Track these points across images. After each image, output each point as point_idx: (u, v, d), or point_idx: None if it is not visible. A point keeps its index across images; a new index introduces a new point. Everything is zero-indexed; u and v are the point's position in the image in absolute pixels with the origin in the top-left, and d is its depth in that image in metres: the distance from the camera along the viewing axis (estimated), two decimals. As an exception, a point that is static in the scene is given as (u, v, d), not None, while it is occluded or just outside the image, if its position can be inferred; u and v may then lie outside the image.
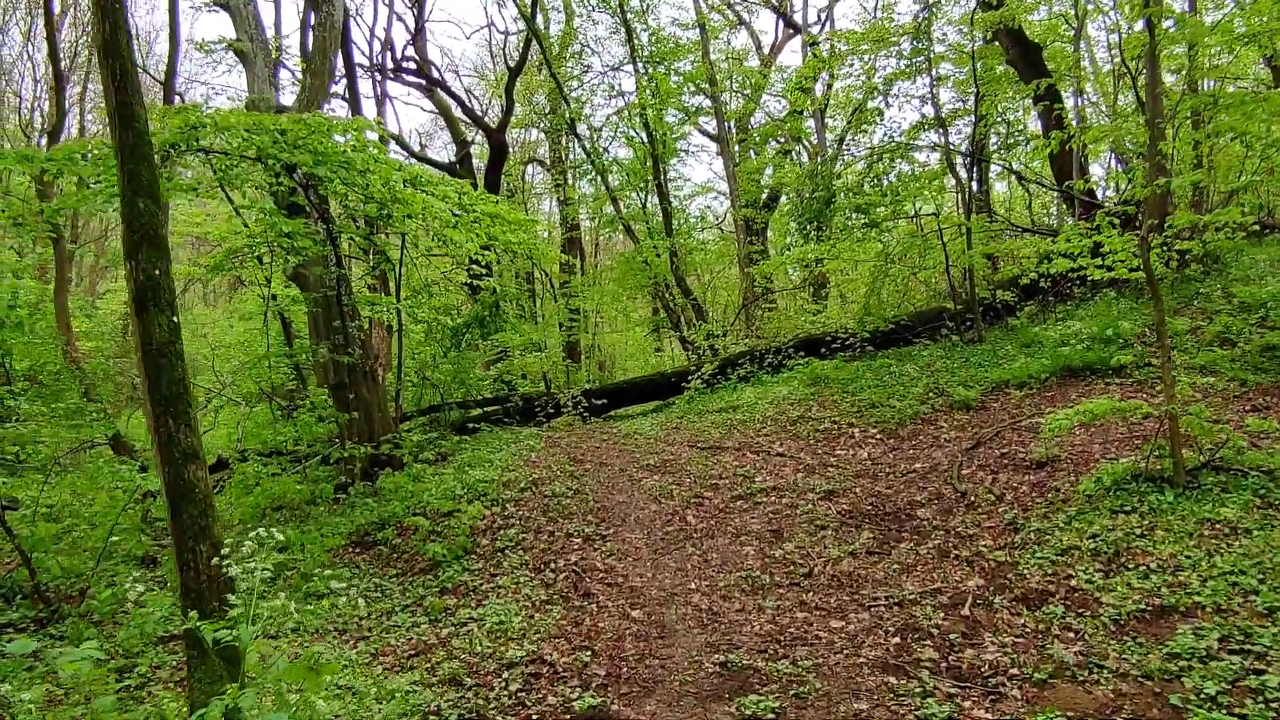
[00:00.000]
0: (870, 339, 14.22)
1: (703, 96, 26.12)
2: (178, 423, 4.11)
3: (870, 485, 9.15)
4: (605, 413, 15.34)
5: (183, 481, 4.09)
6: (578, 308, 27.20)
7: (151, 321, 4.05)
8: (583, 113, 25.46)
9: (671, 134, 26.48)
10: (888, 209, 12.94)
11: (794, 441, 11.09)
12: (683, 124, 27.85)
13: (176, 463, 4.10)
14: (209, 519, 4.16)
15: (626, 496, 9.65)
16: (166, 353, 4.06)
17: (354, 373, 11.98)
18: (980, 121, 13.40)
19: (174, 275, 4.42)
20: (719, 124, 25.46)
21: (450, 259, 26.15)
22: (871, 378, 12.66)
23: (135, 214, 4.04)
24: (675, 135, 27.35)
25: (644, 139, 23.82)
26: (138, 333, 4.08)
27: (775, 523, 8.49)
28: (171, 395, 4.10)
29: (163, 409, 4.09)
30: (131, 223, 4.05)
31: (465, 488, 9.79)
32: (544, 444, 12.20)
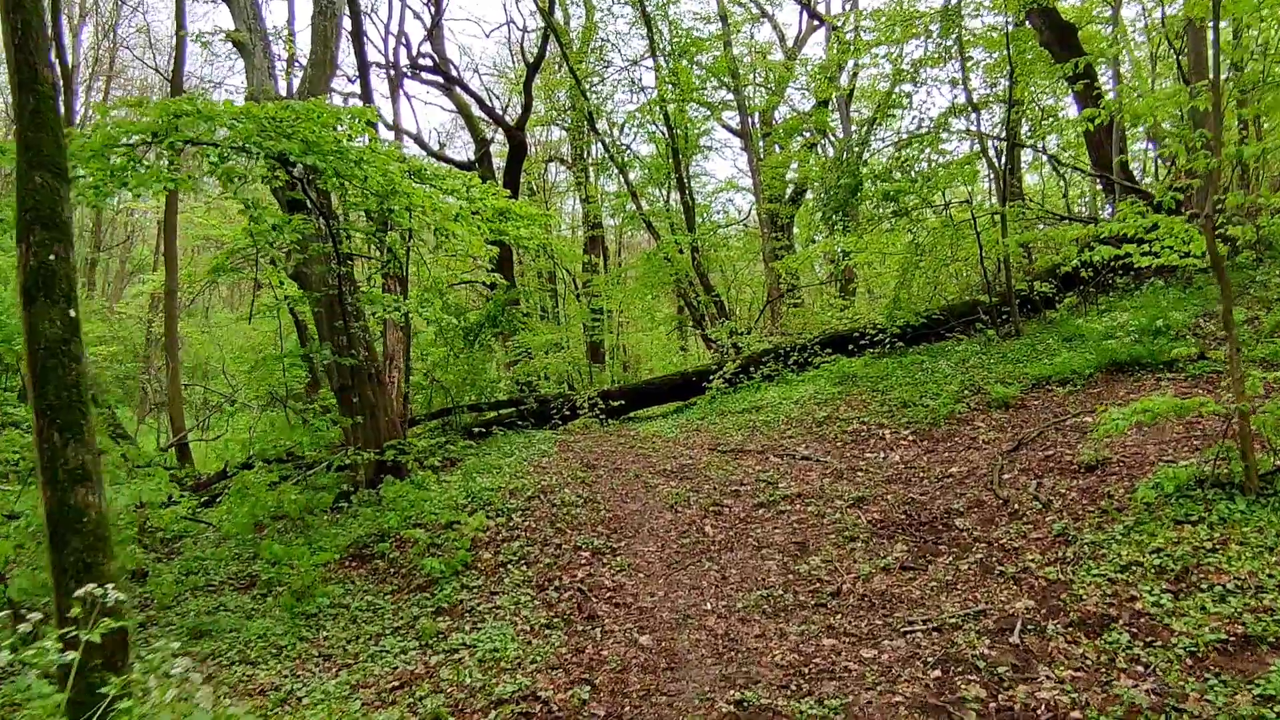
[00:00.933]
0: (900, 335, 13.43)
1: (725, 91, 25.44)
2: (65, 436, 3.45)
3: (903, 491, 8.40)
4: (624, 414, 14.66)
5: (67, 507, 3.42)
6: (600, 307, 26.58)
7: (41, 315, 3.40)
8: (603, 109, 24.85)
9: (694, 129, 25.83)
10: (918, 197, 12.14)
11: (820, 444, 10.35)
12: (705, 120, 27.19)
13: (61, 484, 3.43)
14: (100, 554, 3.49)
15: (640, 505, 8.97)
16: (58, 352, 3.41)
17: (358, 375, 11.40)
18: (1014, 106, 12.56)
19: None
20: (742, 118, 24.69)
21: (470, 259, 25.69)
22: (902, 375, 11.88)
23: (30, 190, 3.41)
24: (698, 131, 26.68)
25: (664, 132, 23.17)
26: (25, 327, 3.42)
27: (800, 534, 7.77)
28: (60, 403, 3.44)
29: (48, 419, 3.43)
30: (24, 200, 3.42)
31: (469, 496, 9.15)
32: (557, 448, 11.54)
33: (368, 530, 8.98)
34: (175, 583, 8.87)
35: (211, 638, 7.08)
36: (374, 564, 8.27)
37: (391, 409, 11.82)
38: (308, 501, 9.66)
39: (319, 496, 9.68)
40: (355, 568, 8.44)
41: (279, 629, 7.00)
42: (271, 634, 6.90)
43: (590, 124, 21.03)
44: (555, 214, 32.30)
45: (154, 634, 7.35)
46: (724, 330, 15.93)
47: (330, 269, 10.71)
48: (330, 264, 10.84)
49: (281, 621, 7.23)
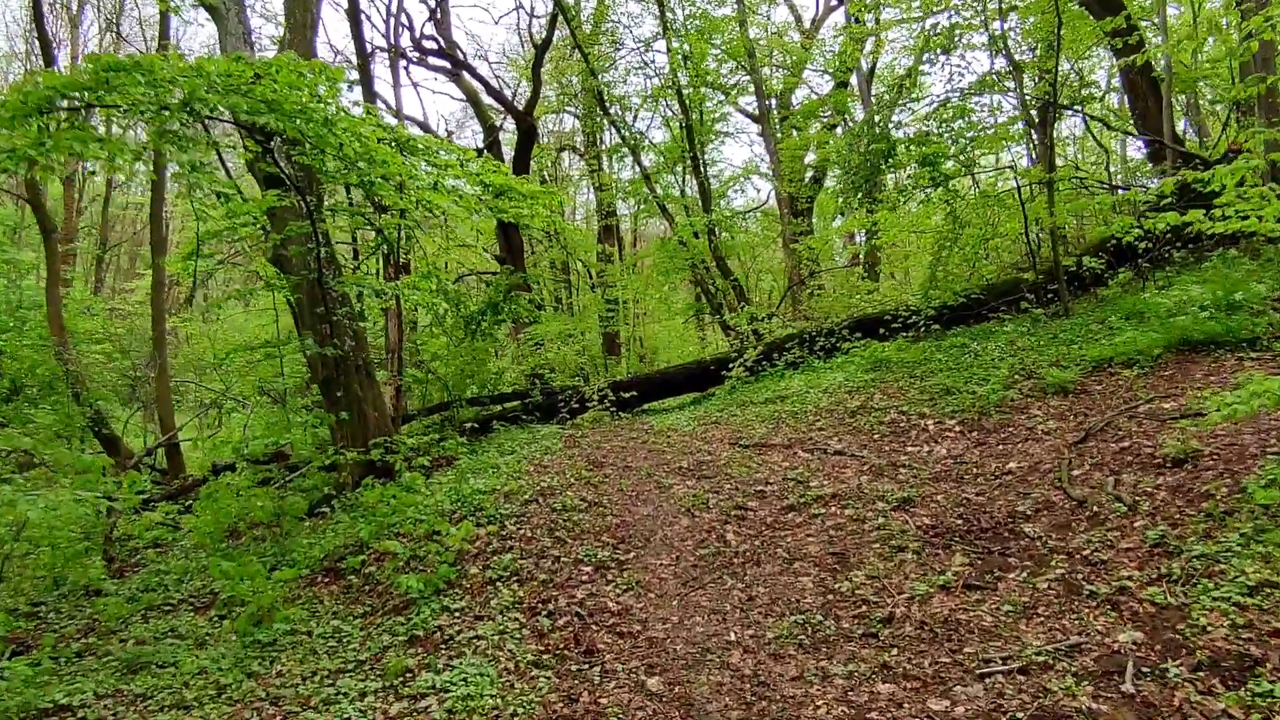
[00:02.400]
0: (936, 316, 12.15)
1: (742, 73, 24.19)
2: None
3: (955, 491, 7.16)
4: (637, 406, 13.46)
5: None
6: (615, 298, 25.42)
7: None
8: (614, 94, 23.62)
9: (708, 111, 24.59)
10: (958, 161, 10.84)
11: (854, 437, 9.11)
12: (720, 106, 25.96)
13: None
14: None
15: (652, 509, 7.76)
16: None
17: (344, 367, 10.27)
18: (1056, 70, 11.23)
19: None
20: (759, 99, 23.38)
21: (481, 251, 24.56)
22: (942, 360, 10.61)
23: None
24: (714, 116, 25.44)
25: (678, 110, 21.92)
26: None
27: (838, 543, 6.54)
28: None
29: None
30: None
31: (459, 501, 7.99)
32: (562, 444, 10.37)
33: (345, 540, 7.85)
34: (130, 600, 7.79)
35: (150, 672, 5.96)
36: (347, 580, 7.12)
37: (381, 404, 10.68)
38: (282, 507, 8.54)
39: (292, 502, 8.55)
40: (327, 584, 7.29)
41: (225, 662, 5.86)
42: (216, 669, 5.77)
43: (600, 103, 19.82)
44: (569, 200, 31.09)
45: (87, 666, 6.25)
46: (744, 316, 14.69)
47: (309, 250, 9.56)
48: (308, 244, 9.69)
49: (233, 651, 6.10)
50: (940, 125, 10.95)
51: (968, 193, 12.27)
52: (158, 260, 14.41)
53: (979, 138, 10.73)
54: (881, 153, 10.99)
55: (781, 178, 20.79)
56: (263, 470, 10.81)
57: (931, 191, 11.54)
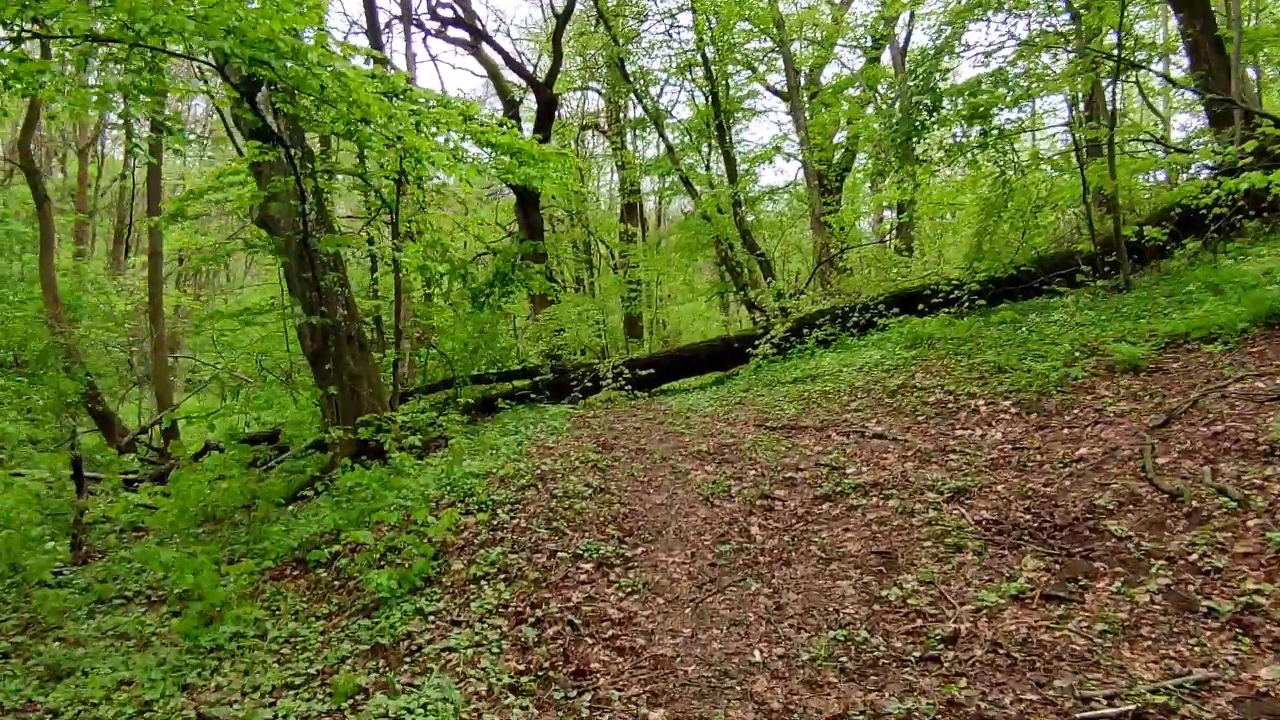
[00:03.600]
0: (980, 291, 10.99)
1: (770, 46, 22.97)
2: None
3: (1018, 480, 6.07)
4: (654, 386, 12.41)
5: None
6: (638, 279, 24.38)
7: None
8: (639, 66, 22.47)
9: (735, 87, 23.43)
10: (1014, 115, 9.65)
11: (895, 419, 8.03)
12: (748, 82, 24.77)
13: None
14: None
15: (666, 497, 6.73)
16: None
17: (335, 338, 9.32)
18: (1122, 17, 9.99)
19: None
20: (788, 73, 22.08)
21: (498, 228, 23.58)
22: (992, 336, 9.48)
23: None
24: (741, 93, 24.26)
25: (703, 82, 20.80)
26: None
27: (882, 540, 5.49)
28: None
29: None
30: None
31: (448, 485, 7.01)
32: (571, 425, 9.36)
33: (321, 528, 6.88)
34: (84, 591, 6.88)
35: (75, 680, 5.03)
36: (316, 574, 6.17)
37: (376, 379, 9.72)
38: (256, 491, 7.60)
39: (268, 485, 7.61)
40: (295, 578, 6.34)
41: (158, 671, 4.92)
42: (147, 679, 4.82)
43: (622, 72, 18.71)
44: (591, 177, 29.99)
45: (6, 670, 5.32)
46: (770, 292, 13.60)
47: (290, 206, 8.61)
48: (296, 202, 8.74)
49: (174, 657, 5.15)
50: (993, 77, 9.68)
51: (1017, 157, 11.06)
52: (153, 229, 13.54)
53: (1036, 85, 9.44)
54: (929, 106, 9.80)
55: (810, 150, 19.61)
56: (253, 450, 9.91)
57: (980, 153, 10.33)
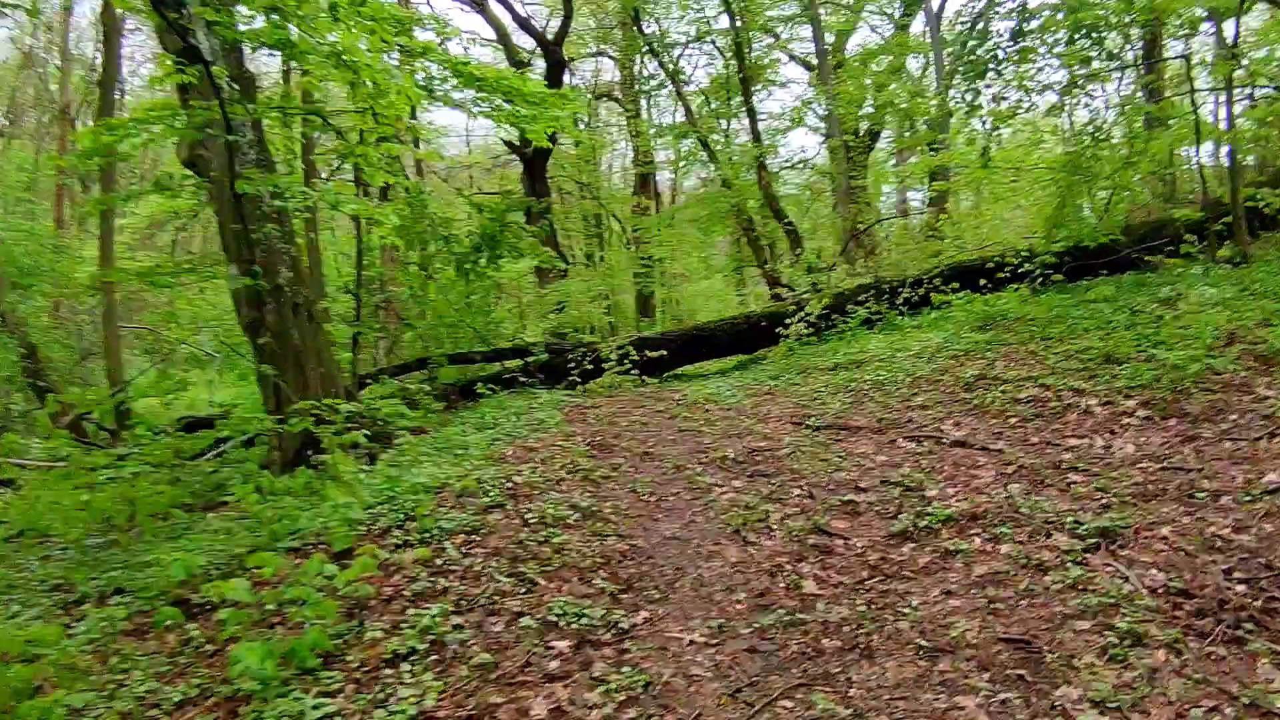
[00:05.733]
0: (1056, 264, 8.97)
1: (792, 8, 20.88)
2: None
3: (1190, 520, 4.10)
4: (667, 370, 10.44)
5: None
6: (650, 256, 22.41)
7: None
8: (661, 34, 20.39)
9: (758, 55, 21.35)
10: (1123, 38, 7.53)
11: (979, 420, 6.06)
12: (771, 50, 22.65)
13: None
14: None
15: (681, 525, 4.80)
16: None
17: (276, 306, 7.40)
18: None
19: None
20: (816, 35, 19.99)
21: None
22: (1084, 317, 7.49)
23: None
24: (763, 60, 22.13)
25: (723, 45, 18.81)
26: None
27: (1008, 614, 3.54)
28: None
29: None
30: None
31: (391, 499, 5.09)
32: (563, 417, 7.44)
33: (220, 554, 4.98)
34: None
35: None
36: (186, 631, 4.26)
37: (328, 357, 7.82)
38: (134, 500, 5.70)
39: (167, 494, 5.71)
40: (165, 632, 4.43)
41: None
42: None
43: (636, 23, 16.65)
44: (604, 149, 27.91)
45: None
46: (801, 265, 11.59)
47: (211, 135, 6.69)
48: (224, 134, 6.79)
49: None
50: None
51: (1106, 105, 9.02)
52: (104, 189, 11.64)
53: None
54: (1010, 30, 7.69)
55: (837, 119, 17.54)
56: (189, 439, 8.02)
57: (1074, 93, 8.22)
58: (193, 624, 4.28)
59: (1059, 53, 7.66)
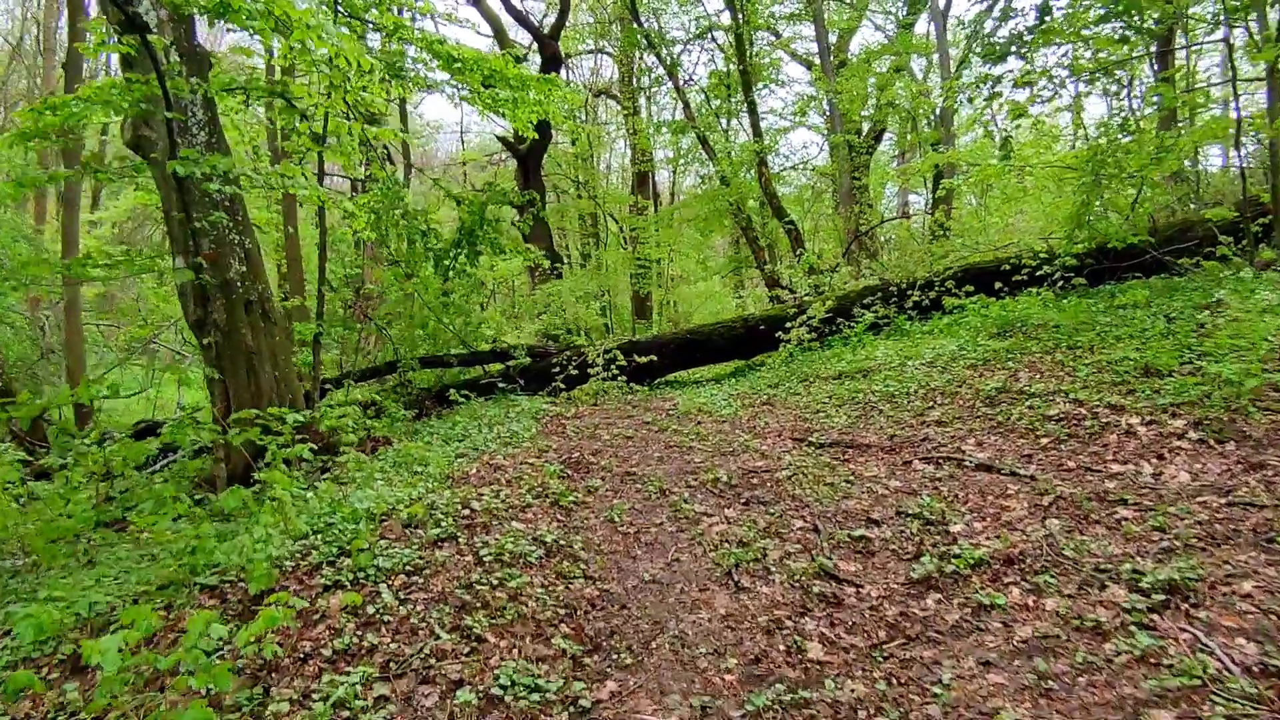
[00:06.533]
0: (1077, 266, 8.23)
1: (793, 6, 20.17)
2: None
3: (1275, 571, 3.36)
4: (658, 377, 9.68)
5: None
6: (647, 257, 21.68)
7: None
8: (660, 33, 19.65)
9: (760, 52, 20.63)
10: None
11: (1005, 439, 5.30)
12: (773, 49, 21.93)
13: None
14: None
15: (664, 565, 4.05)
16: None
17: (227, 303, 6.66)
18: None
19: None
20: (819, 34, 19.28)
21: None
22: (1113, 323, 6.74)
23: None
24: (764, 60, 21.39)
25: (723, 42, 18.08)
26: None
27: (1063, 698, 2.79)
28: None
29: None
30: None
31: (329, 526, 4.35)
32: (540, 429, 6.70)
33: (126, 589, 4.24)
34: None
35: None
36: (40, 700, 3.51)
37: (286, 359, 7.07)
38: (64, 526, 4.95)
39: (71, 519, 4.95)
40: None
41: None
42: None
43: (633, 11, 15.90)
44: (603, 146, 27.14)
45: None
46: (802, 266, 10.83)
47: (144, 111, 5.95)
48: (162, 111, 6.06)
49: None
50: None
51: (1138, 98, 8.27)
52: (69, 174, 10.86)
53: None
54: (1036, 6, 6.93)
55: (840, 119, 16.80)
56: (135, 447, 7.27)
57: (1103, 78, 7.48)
58: (74, 681, 3.56)
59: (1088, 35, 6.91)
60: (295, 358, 8.78)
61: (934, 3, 18.49)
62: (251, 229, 7.06)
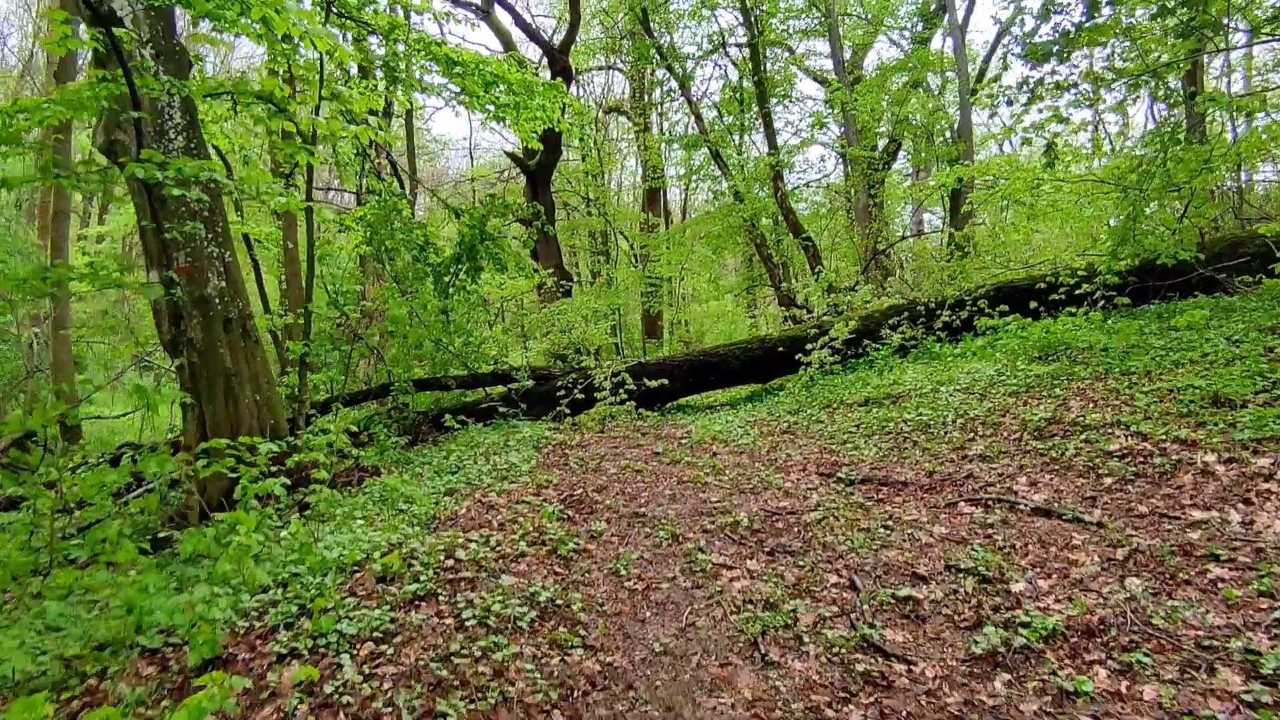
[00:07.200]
0: (1119, 285, 7.62)
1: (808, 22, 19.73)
2: None
3: None
4: (669, 400, 9.09)
5: None
6: (658, 275, 21.18)
7: None
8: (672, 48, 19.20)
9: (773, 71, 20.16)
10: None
11: (1059, 478, 4.68)
12: (788, 64, 21.47)
13: None
14: None
15: (676, 632, 3.43)
16: None
17: (203, 320, 6.12)
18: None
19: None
20: (833, 46, 18.80)
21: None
22: (1174, 348, 6.12)
23: None
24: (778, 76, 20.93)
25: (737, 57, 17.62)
26: None
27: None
28: None
29: None
30: None
31: (292, 577, 3.77)
32: (540, 460, 6.11)
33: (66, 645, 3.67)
34: None
35: None
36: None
37: (267, 382, 6.51)
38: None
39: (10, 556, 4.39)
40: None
41: None
42: None
43: (644, 25, 15.43)
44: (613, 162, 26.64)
45: None
46: (820, 285, 10.23)
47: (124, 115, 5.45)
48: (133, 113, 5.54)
49: None
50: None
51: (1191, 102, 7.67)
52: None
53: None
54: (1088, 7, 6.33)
55: (855, 135, 16.26)
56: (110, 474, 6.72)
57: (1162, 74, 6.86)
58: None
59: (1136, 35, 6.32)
60: (288, 379, 8.25)
61: (953, 17, 17.99)
62: (231, 242, 6.52)
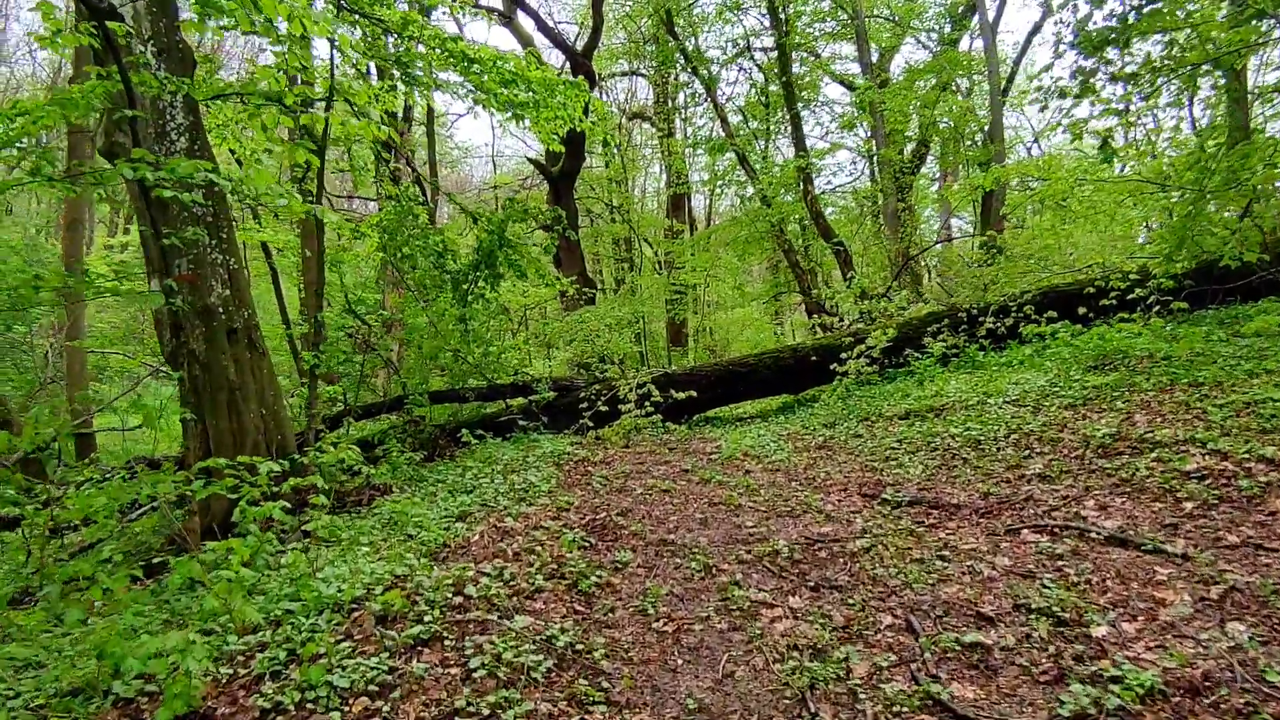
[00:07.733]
0: (1175, 289, 7.12)
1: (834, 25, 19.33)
2: None
3: None
4: (696, 412, 8.66)
5: None
6: (683, 283, 20.78)
7: None
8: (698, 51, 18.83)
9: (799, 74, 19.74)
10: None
11: (1132, 502, 4.21)
12: (813, 69, 21.05)
13: None
14: None
15: (712, 682, 3.01)
16: None
17: (206, 331, 5.80)
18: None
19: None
20: (861, 48, 18.38)
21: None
22: (1244, 357, 5.63)
23: None
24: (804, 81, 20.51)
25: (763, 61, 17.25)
26: None
27: None
28: None
29: None
30: None
31: (285, 614, 3.40)
32: (561, 478, 5.71)
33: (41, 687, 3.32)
34: None
35: None
36: None
37: (275, 395, 6.17)
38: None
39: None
40: None
41: None
42: None
43: (668, 27, 15.06)
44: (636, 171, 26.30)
45: None
46: (853, 291, 9.78)
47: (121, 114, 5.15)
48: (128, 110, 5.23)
49: None
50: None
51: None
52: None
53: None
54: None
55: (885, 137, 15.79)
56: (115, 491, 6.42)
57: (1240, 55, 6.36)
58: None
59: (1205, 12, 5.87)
60: (305, 390, 7.92)
61: (983, 17, 17.49)
62: (238, 249, 6.20)
